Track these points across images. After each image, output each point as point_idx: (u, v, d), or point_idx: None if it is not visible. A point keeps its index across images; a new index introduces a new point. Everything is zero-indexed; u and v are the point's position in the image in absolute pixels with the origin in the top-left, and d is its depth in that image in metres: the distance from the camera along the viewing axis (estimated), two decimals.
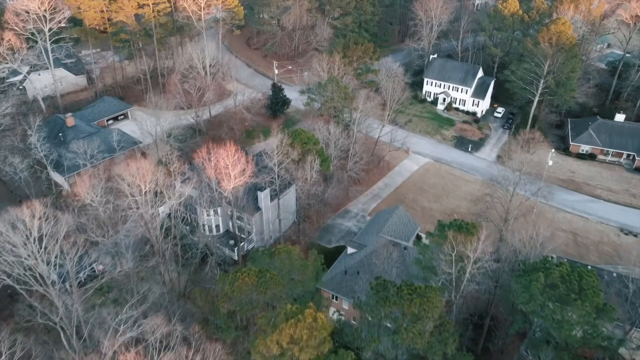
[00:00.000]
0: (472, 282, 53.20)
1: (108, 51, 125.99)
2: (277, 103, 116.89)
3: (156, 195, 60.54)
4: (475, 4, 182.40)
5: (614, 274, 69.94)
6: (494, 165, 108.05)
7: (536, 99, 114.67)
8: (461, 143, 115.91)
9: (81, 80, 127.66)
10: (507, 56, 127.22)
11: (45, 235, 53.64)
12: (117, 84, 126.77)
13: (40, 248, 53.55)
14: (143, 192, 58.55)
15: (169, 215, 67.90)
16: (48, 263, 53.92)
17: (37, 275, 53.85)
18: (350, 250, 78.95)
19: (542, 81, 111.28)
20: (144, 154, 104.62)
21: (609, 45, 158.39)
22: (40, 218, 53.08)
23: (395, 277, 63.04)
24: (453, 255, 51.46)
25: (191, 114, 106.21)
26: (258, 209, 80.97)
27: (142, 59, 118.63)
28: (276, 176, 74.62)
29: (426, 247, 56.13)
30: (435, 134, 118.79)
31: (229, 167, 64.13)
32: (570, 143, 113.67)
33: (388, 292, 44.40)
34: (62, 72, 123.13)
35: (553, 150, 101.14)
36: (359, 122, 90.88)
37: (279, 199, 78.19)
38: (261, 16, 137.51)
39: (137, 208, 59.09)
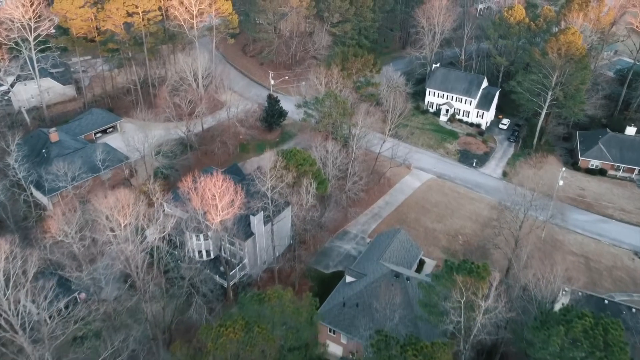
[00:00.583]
0: (482, 331, 48.28)
1: (98, 59, 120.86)
2: (272, 115, 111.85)
3: (138, 230, 55.55)
4: (479, 9, 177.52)
5: (633, 310, 65.03)
6: (499, 183, 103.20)
7: (544, 112, 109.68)
8: (465, 157, 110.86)
9: (69, 91, 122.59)
10: (513, 65, 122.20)
11: (13, 276, 48.65)
12: (107, 94, 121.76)
13: (7, 289, 48.56)
14: (122, 226, 53.57)
15: (151, 250, 62.75)
16: (16, 307, 48.92)
17: (3, 321, 48.83)
18: (349, 279, 73.95)
19: (550, 93, 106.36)
20: (132, 171, 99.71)
21: (616, 52, 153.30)
22: (6, 258, 48.07)
23: (397, 322, 57.96)
24: (462, 302, 46.54)
25: (182, 127, 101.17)
26: (251, 234, 75.95)
27: (132, 68, 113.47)
28: (269, 201, 69.55)
29: (431, 288, 51.11)
30: (438, 147, 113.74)
31: (216, 198, 59.05)
32: (580, 158, 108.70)
33: (390, 351, 39.44)
34: (49, 82, 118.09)
35: (564, 169, 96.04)
36: (359, 138, 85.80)
37: (272, 224, 73.12)
38: (258, 22, 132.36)
39: (118, 244, 54.12)
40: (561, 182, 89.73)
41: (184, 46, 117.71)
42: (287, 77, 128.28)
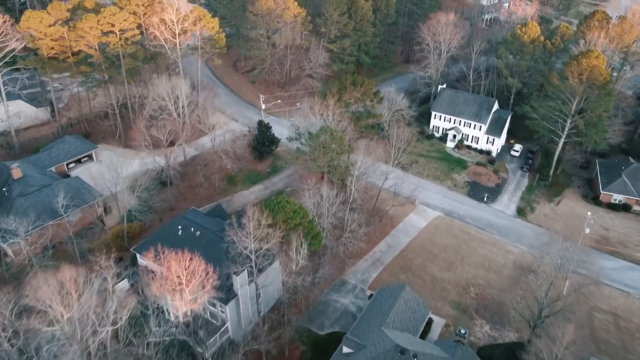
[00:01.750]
0: None
1: (75, 80, 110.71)
2: (263, 144, 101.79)
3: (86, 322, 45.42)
4: (485, 19, 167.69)
5: None
6: (514, 222, 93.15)
7: (561, 141, 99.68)
8: (475, 190, 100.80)
9: (42, 114, 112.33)
10: (526, 87, 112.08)
11: None
12: (84, 117, 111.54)
13: None
14: (65, 319, 43.55)
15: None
16: None
17: None
18: (345, 349, 63.99)
19: (569, 121, 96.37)
20: (106, 209, 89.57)
21: (632, 68, 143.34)
22: None
23: None
24: None
25: (162, 159, 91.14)
26: (234, 295, 65.83)
27: (109, 91, 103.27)
28: (253, 264, 59.47)
29: None
30: (445, 179, 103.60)
31: (182, 282, 48.94)
32: (601, 192, 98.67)
33: None
34: (19, 106, 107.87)
35: (590, 213, 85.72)
36: (358, 178, 75.73)
37: (257, 289, 63.00)
38: (249, 38, 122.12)
39: (63, 339, 44.08)
40: (587, 230, 79.59)
41: (168, 66, 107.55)
42: (279, 101, 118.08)
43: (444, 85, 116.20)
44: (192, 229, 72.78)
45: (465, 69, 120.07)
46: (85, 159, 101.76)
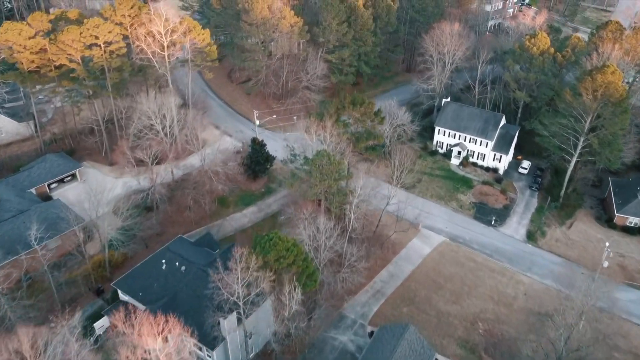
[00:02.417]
0: None
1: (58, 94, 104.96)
2: (257, 162, 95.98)
3: None
4: (489, 25, 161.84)
5: None
6: (524, 248, 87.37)
7: (574, 160, 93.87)
8: (482, 212, 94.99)
9: (25, 129, 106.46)
10: (535, 101, 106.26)
11: None
12: (68, 132, 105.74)
13: None
14: None
15: None
16: None
17: None
18: None
19: (582, 139, 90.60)
20: (89, 235, 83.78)
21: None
22: None
23: None
24: None
25: (149, 178, 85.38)
26: (222, 339, 60.06)
27: (95, 106, 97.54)
28: (241, 310, 53.68)
29: None
30: (450, 199, 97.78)
31: (156, 350, 43.09)
32: (615, 214, 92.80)
33: None
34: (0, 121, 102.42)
35: (607, 244, 79.96)
36: (358, 206, 69.95)
37: (247, 334, 57.21)
38: (243, 49, 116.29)
39: None
40: (606, 264, 73.79)
41: (157, 79, 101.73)
42: (274, 117, 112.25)
43: (448, 99, 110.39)
44: (177, 264, 67.17)
45: (471, 81, 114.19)
46: (69, 178, 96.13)
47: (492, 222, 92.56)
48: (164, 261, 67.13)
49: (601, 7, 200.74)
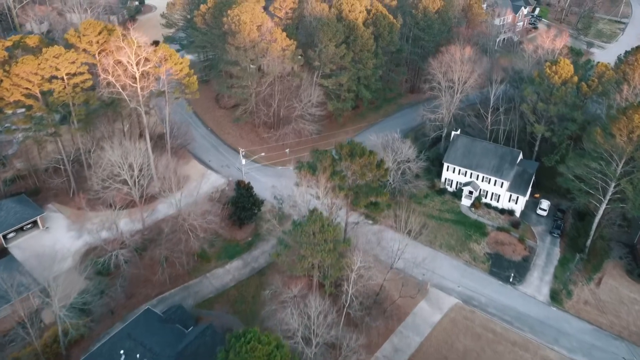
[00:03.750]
0: None
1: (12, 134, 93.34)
2: (243, 209, 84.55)
3: None
4: (498, 40, 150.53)
5: None
6: (549, 312, 75.85)
7: (602, 207, 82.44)
8: (498, 266, 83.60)
9: None
10: (555, 135, 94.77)
11: None
12: (33, 169, 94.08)
13: None
14: None
15: None
16: None
17: None
18: None
19: (612, 184, 79.22)
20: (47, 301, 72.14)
21: None
22: None
23: None
24: None
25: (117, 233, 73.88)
26: None
27: (58, 145, 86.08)
28: None
29: None
30: (461, 250, 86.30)
31: None
32: None
33: None
34: None
35: None
36: (356, 281, 58.47)
37: None
38: (229, 75, 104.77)
39: None
40: None
41: (131, 113, 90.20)
42: (263, 154, 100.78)
43: (458, 131, 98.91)
44: (138, 355, 55.64)
45: (483, 112, 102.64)
46: (30, 226, 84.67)
47: (511, 279, 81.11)
48: (122, 352, 55.56)
49: (615, 18, 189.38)
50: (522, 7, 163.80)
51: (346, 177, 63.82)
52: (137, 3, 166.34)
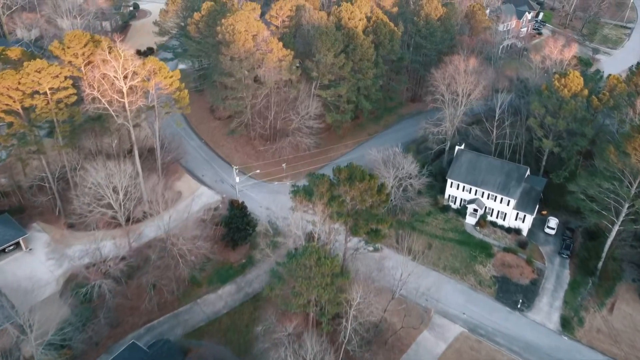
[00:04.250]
0: None
1: None
2: (237, 229, 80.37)
3: None
4: (502, 47, 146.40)
5: None
6: (560, 342, 71.58)
7: (615, 228, 78.28)
8: (505, 290, 79.41)
9: None
10: (564, 151, 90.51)
11: None
12: (16, 185, 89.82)
13: None
14: None
15: None
16: None
17: None
18: None
19: (626, 204, 75.02)
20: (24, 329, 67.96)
21: None
22: None
23: None
24: None
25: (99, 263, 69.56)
26: None
27: (42, 162, 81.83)
28: None
29: None
30: (466, 272, 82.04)
31: None
32: None
33: None
34: None
35: None
36: (356, 317, 54.22)
37: None
38: (224, 83, 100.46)
39: None
40: None
41: (119, 127, 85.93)
42: (258, 171, 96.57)
43: (462, 146, 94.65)
44: None
45: (488, 125, 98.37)
46: (12, 247, 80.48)
47: (519, 305, 76.87)
48: None
49: (621, 23, 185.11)
50: (526, 12, 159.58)
51: (345, 202, 59.53)
52: (131, 8, 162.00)
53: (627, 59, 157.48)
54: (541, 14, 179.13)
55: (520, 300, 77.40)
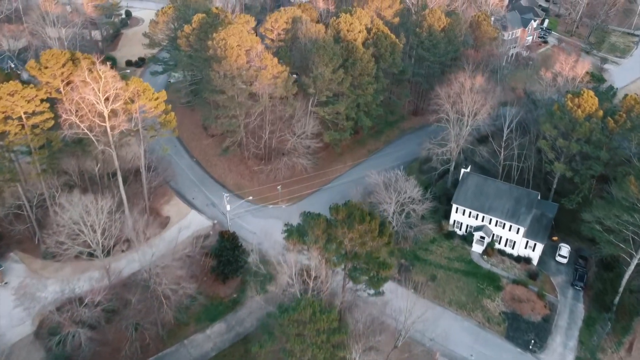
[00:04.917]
0: None
1: None
2: (228, 262, 74.87)
3: None
4: (508, 55, 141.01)
5: None
6: None
7: (634, 262, 72.76)
8: (516, 328, 73.92)
9: None
10: (578, 175, 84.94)
11: None
12: None
13: None
14: None
15: None
16: None
17: None
18: None
19: None
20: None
21: None
22: None
23: None
24: None
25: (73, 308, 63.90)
26: None
27: (19, 188, 76.27)
28: None
29: None
30: (474, 307, 76.53)
31: None
32: None
33: None
34: None
35: None
36: None
37: None
38: (216, 101, 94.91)
39: None
40: None
41: (103, 150, 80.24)
42: (251, 197, 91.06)
43: (468, 168, 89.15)
44: None
45: (496, 146, 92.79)
46: None
47: (531, 346, 71.36)
48: None
49: (629, 30, 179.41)
50: (532, 20, 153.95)
51: (343, 243, 54.00)
52: (123, 16, 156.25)
53: (637, 68, 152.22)
54: (546, 22, 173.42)
55: (533, 340, 71.91)
